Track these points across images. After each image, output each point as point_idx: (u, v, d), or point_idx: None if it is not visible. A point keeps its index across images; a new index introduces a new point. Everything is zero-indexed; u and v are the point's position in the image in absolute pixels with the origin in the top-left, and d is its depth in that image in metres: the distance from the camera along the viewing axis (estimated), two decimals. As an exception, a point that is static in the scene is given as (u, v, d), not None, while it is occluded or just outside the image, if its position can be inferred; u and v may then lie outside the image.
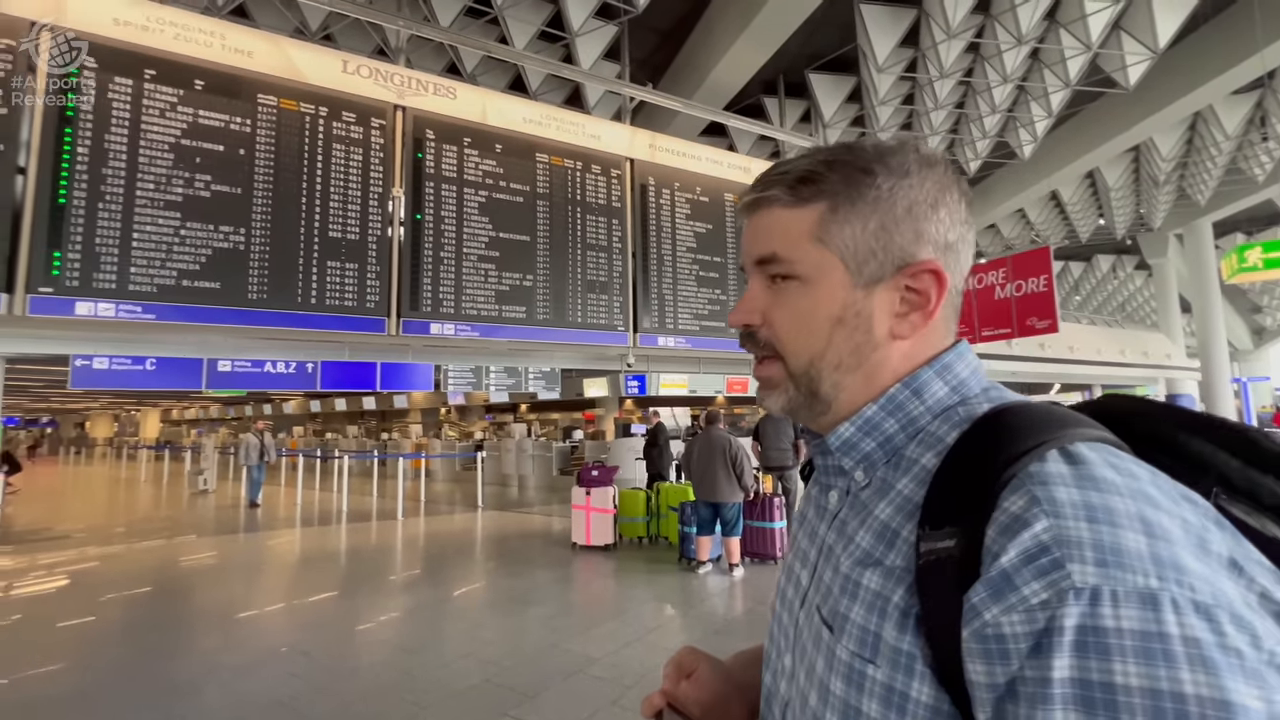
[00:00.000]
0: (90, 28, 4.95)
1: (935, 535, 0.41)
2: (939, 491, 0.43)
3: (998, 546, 0.37)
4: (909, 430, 0.50)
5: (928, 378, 0.50)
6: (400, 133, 6.10)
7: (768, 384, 0.55)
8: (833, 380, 0.52)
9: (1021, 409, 0.44)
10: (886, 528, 0.46)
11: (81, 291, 4.71)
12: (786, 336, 0.52)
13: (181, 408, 29.20)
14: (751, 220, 0.56)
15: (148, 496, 12.16)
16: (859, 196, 0.50)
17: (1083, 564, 0.34)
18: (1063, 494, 0.37)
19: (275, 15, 7.79)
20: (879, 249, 0.50)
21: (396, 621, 4.22)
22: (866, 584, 0.45)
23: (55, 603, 4.80)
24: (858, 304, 0.50)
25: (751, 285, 0.56)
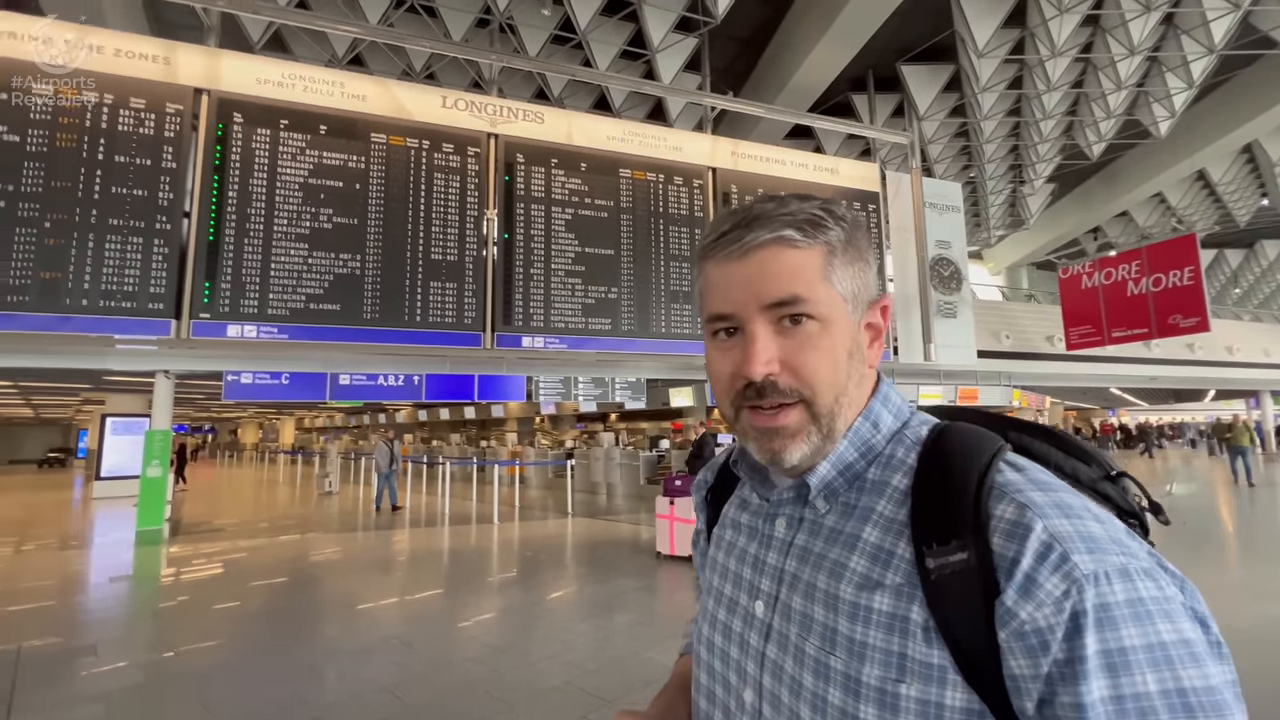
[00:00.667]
0: (239, 89, 5.70)
1: (943, 550, 0.45)
2: (928, 509, 0.48)
3: (1012, 551, 0.43)
4: (867, 458, 0.55)
5: (879, 409, 0.57)
6: (493, 158, 6.51)
7: (787, 433, 0.53)
8: (845, 417, 0.55)
9: (959, 430, 0.53)
10: (880, 549, 0.50)
11: (231, 316, 5.43)
12: (815, 378, 0.53)
13: (311, 417, 32.59)
14: (744, 263, 0.54)
15: (284, 496, 13.67)
16: (848, 243, 0.55)
17: (1079, 554, 0.42)
18: (1036, 497, 0.45)
19: (385, 61, 8.58)
20: (860, 289, 0.56)
21: (490, 620, 4.45)
22: (878, 607, 0.48)
23: (212, 588, 5.53)
24: (857, 338, 0.56)
25: (758, 332, 0.53)
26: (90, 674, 3.51)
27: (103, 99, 5.24)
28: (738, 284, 0.54)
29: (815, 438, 0.53)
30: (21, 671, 3.51)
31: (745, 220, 0.54)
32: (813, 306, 0.52)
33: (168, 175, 5.37)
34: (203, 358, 6.84)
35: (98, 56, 5.29)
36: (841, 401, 0.54)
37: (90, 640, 4.09)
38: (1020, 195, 14.34)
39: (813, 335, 0.53)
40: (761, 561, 0.58)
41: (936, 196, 8.91)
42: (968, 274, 9.02)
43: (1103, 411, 31.69)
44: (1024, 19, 8.35)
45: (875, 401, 0.57)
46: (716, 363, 0.56)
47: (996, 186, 13.49)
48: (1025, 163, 12.44)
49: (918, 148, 9.01)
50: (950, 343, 8.56)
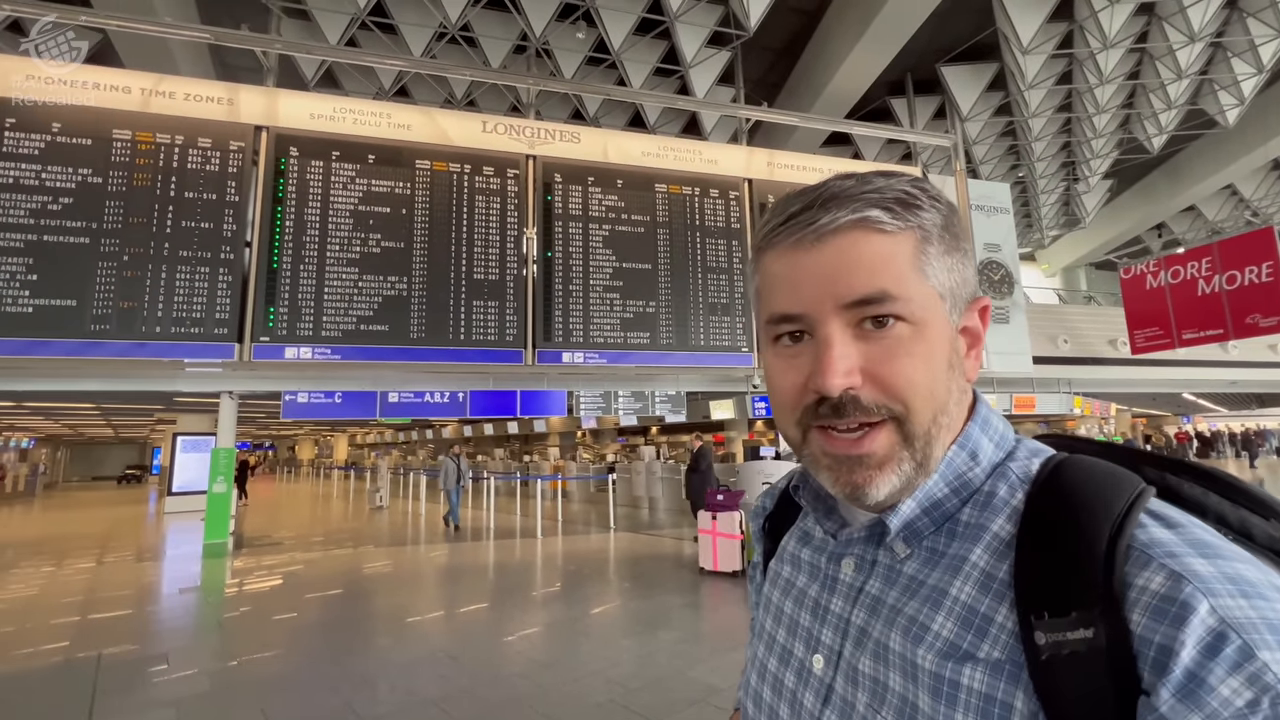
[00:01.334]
0: (294, 124, 6.04)
1: (1060, 624, 0.36)
2: (1039, 567, 0.38)
3: (1162, 636, 0.33)
4: (961, 495, 0.45)
5: (977, 436, 0.46)
6: (532, 179, 6.68)
7: (873, 462, 0.43)
8: (943, 440, 0.45)
9: (1082, 465, 0.42)
10: (973, 611, 0.40)
11: (289, 339, 5.70)
12: (908, 390, 0.42)
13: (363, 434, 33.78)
14: (818, 252, 0.44)
15: (338, 510, 14.18)
16: (944, 228, 0.45)
17: (1271, 650, 0.31)
18: (1197, 565, 0.34)
19: (429, 90, 8.94)
20: (959, 284, 0.46)
21: (534, 635, 4.48)
22: (969, 685, 0.39)
23: (272, 599, 5.77)
24: (956, 344, 0.45)
25: (832, 337, 0.43)
26: (162, 681, 3.70)
27: (174, 140, 5.63)
28: (809, 278, 0.44)
29: (908, 467, 0.43)
30: (101, 677, 3.74)
31: (819, 199, 0.44)
32: (904, 306, 0.43)
33: (231, 208, 5.71)
34: (263, 379, 7.20)
35: (169, 101, 5.70)
36: (940, 422, 0.44)
37: (163, 649, 4.33)
38: (1074, 193, 13.72)
39: (904, 340, 0.43)
40: (824, 608, 0.49)
41: (983, 198, 8.62)
42: (1019, 277, 8.66)
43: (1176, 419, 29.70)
44: (1071, 12, 8.05)
45: (973, 426, 0.46)
46: (779, 374, 0.46)
47: (1048, 185, 12.95)
48: (1079, 159, 11.91)
49: (961, 149, 8.75)
50: (1003, 349, 8.21)
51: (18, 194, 5.18)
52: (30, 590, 6.27)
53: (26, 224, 5.16)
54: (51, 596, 5.96)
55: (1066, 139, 11.33)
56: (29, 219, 5.18)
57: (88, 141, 5.42)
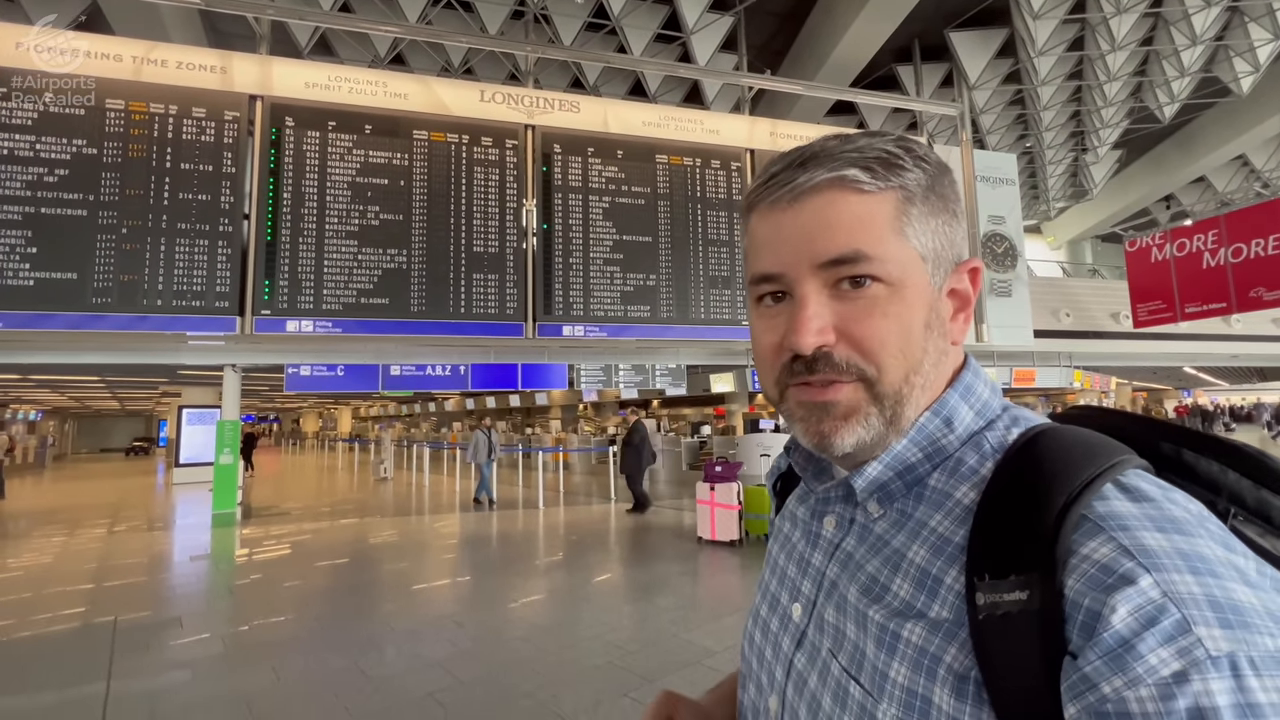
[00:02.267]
0: (289, 93, 5.95)
1: (998, 585, 0.36)
2: (990, 532, 0.39)
3: (1097, 604, 0.33)
4: (933, 460, 0.45)
5: (955, 403, 0.46)
6: (531, 149, 6.59)
7: (838, 411, 0.44)
8: (916, 401, 0.45)
9: (1058, 434, 0.41)
10: (925, 573, 0.41)
11: (289, 312, 5.72)
12: (880, 350, 0.43)
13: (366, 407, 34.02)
14: (795, 211, 0.44)
15: (343, 482, 14.39)
16: (929, 189, 0.45)
17: (1208, 626, 0.30)
18: (1150, 540, 0.34)
19: (425, 58, 8.76)
20: (944, 246, 0.46)
21: (536, 601, 4.61)
22: (908, 638, 0.40)
23: (281, 567, 5.91)
24: (938, 306, 0.45)
25: (807, 296, 0.44)
26: (177, 644, 3.83)
27: (168, 110, 5.56)
28: (787, 238, 0.44)
29: (876, 421, 0.44)
30: (118, 640, 3.87)
31: (800, 159, 0.44)
32: (879, 266, 0.43)
33: (228, 180, 5.66)
34: (265, 352, 7.25)
35: (161, 69, 5.61)
36: (913, 381, 0.44)
37: (176, 614, 4.46)
38: (1083, 164, 13.50)
39: (879, 300, 0.43)
40: (806, 561, 0.52)
41: (989, 169, 8.50)
42: (1023, 250, 8.60)
43: (1176, 393, 29.74)
44: (1085, -25, 7.82)
45: (951, 393, 0.46)
46: (760, 333, 0.47)
47: (1056, 156, 12.74)
48: (1088, 129, 11.69)
49: (968, 119, 8.59)
50: (1005, 323, 8.20)
51: (13, 165, 5.15)
52: (45, 558, 6.42)
53: (24, 196, 5.14)
54: (67, 564, 6.12)
55: (1076, 108, 11.10)
56: (26, 191, 5.15)
57: (80, 111, 5.36)
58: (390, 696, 3.00)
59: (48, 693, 3.17)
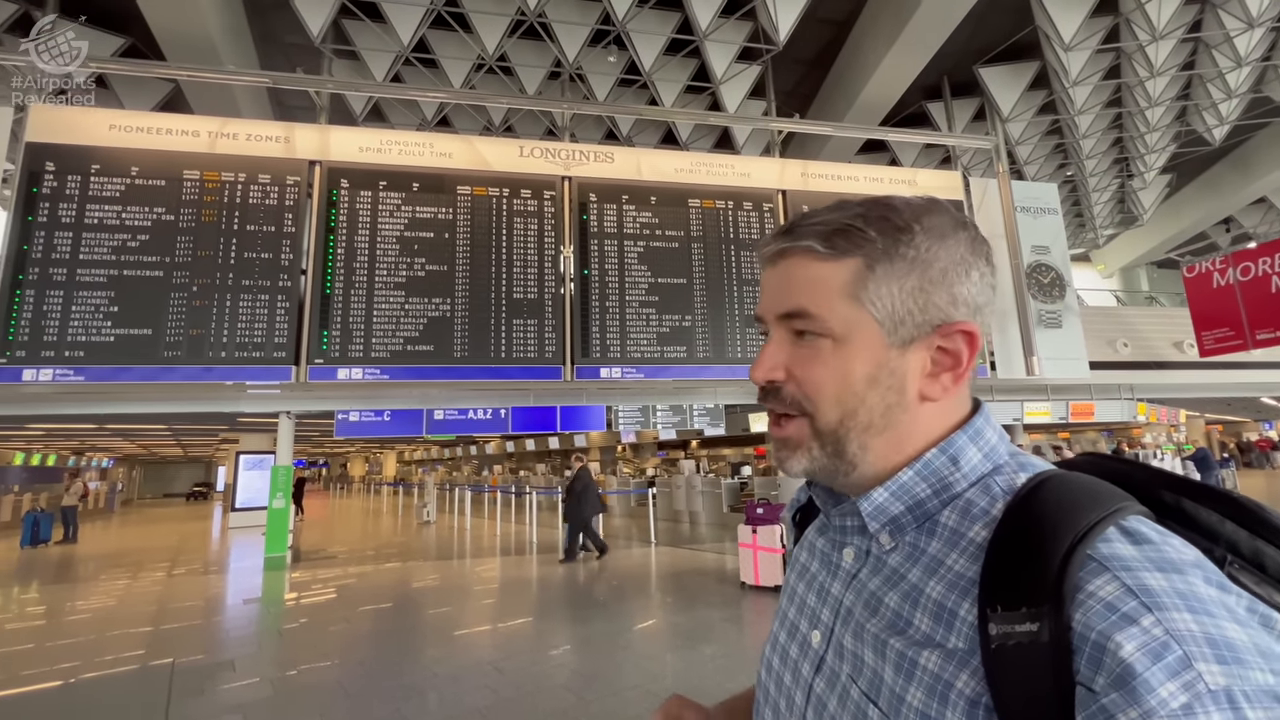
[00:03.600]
0: (345, 157, 6.39)
1: (1010, 617, 0.39)
2: (1002, 569, 0.41)
3: (1103, 638, 0.35)
4: (941, 496, 0.49)
5: (963, 444, 0.49)
6: (568, 199, 6.85)
7: (788, 444, 0.51)
8: (860, 441, 0.49)
9: (1064, 480, 0.44)
10: (941, 607, 0.44)
11: (341, 360, 5.99)
12: (816, 394, 0.49)
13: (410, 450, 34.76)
14: (775, 269, 0.52)
15: (387, 525, 14.62)
16: (897, 255, 0.49)
17: (1206, 662, 0.33)
18: (1150, 580, 0.37)
19: (468, 119, 9.31)
20: (916, 309, 0.49)
21: (577, 648, 4.53)
22: (925, 665, 0.43)
23: (328, 610, 6.00)
24: (891, 364, 0.49)
25: (774, 338, 0.52)
26: (229, 687, 3.91)
27: (237, 177, 6.05)
28: (766, 289, 0.54)
29: (818, 454, 0.50)
30: (175, 683, 3.98)
31: (786, 228, 0.53)
32: (820, 324, 0.49)
33: (288, 239, 6.06)
34: (317, 399, 7.57)
35: (233, 141, 6.13)
36: (849, 425, 0.49)
37: (229, 656, 4.57)
38: (1130, 190, 13.10)
39: (821, 352, 0.50)
40: (825, 590, 0.55)
41: (1029, 199, 8.35)
42: (1071, 279, 8.32)
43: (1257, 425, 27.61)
44: (1115, 5, 7.78)
45: (960, 434, 0.50)
46: None
47: (1100, 183, 12.42)
48: (1132, 155, 11.40)
49: (1003, 151, 8.52)
50: (1056, 355, 7.88)
51: (102, 233, 5.66)
52: (111, 600, 6.71)
53: (109, 260, 5.62)
54: (130, 606, 6.37)
55: (1118, 134, 10.87)
56: (111, 255, 5.64)
57: (162, 182, 5.88)
58: (432, 745, 2.97)
59: (109, 734, 3.27)
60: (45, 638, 5.23)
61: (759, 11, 7.35)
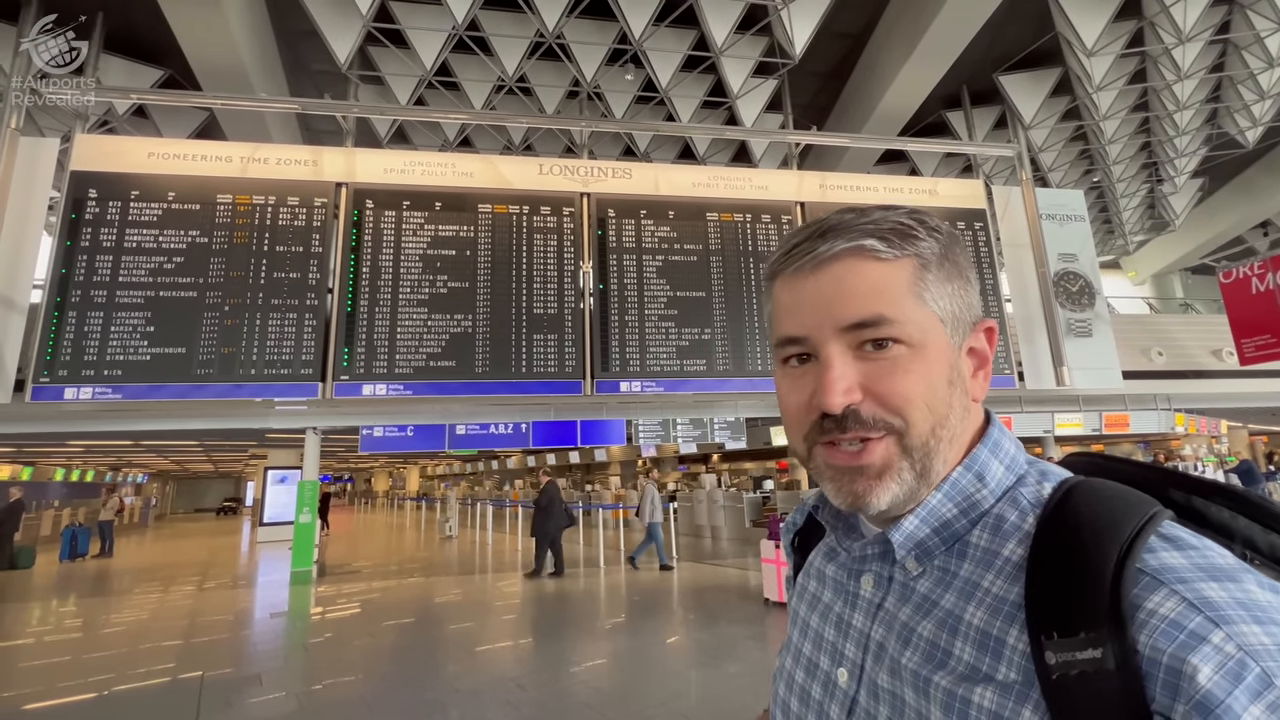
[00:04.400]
0: (370, 179, 6.55)
1: (1069, 644, 0.36)
2: (1049, 590, 0.39)
3: (1177, 662, 0.34)
4: (970, 516, 0.46)
5: (985, 458, 0.47)
6: (586, 215, 6.93)
7: (871, 472, 0.45)
8: (943, 455, 0.46)
9: (1091, 488, 0.43)
10: (986, 635, 0.41)
11: (366, 377, 6.09)
12: (906, 406, 0.45)
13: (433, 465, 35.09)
14: (816, 278, 0.47)
15: (410, 540, 14.73)
16: (944, 256, 0.48)
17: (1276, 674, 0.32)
18: (1210, 591, 0.35)
19: (489, 139, 9.49)
20: (961, 309, 0.48)
21: (599, 665, 4.48)
22: (979, 703, 0.40)
23: (352, 625, 6.05)
24: (958, 365, 0.47)
25: (832, 358, 0.45)
26: (256, 701, 3.95)
27: (267, 200, 6.24)
28: (809, 303, 0.47)
29: (908, 476, 0.45)
30: (204, 696, 4.03)
31: (819, 230, 0.48)
32: (900, 329, 0.45)
33: (315, 258, 6.22)
34: (342, 415, 7.70)
35: (264, 166, 6.34)
36: (940, 434, 0.45)
37: (256, 670, 4.62)
38: (1160, 195, 12.79)
39: (901, 360, 0.45)
40: (846, 623, 0.51)
41: (1055, 207, 8.21)
42: (1101, 287, 8.12)
43: (1304, 435, 26.40)
44: (1139, 9, 7.66)
45: (981, 448, 0.47)
46: (786, 393, 0.49)
47: (1128, 189, 12.15)
48: (1161, 159, 11.14)
49: (1026, 158, 8.40)
50: (1087, 364, 7.68)
51: (140, 255, 5.87)
52: (143, 614, 6.85)
53: (146, 281, 5.83)
54: (162, 619, 6.50)
55: (1146, 139, 10.64)
56: (148, 277, 5.85)
57: (196, 206, 6.10)
58: (455, 763, 2.96)
59: (140, 747, 3.33)
60: (81, 650, 5.35)
61: (775, 26, 7.40)
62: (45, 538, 14.94)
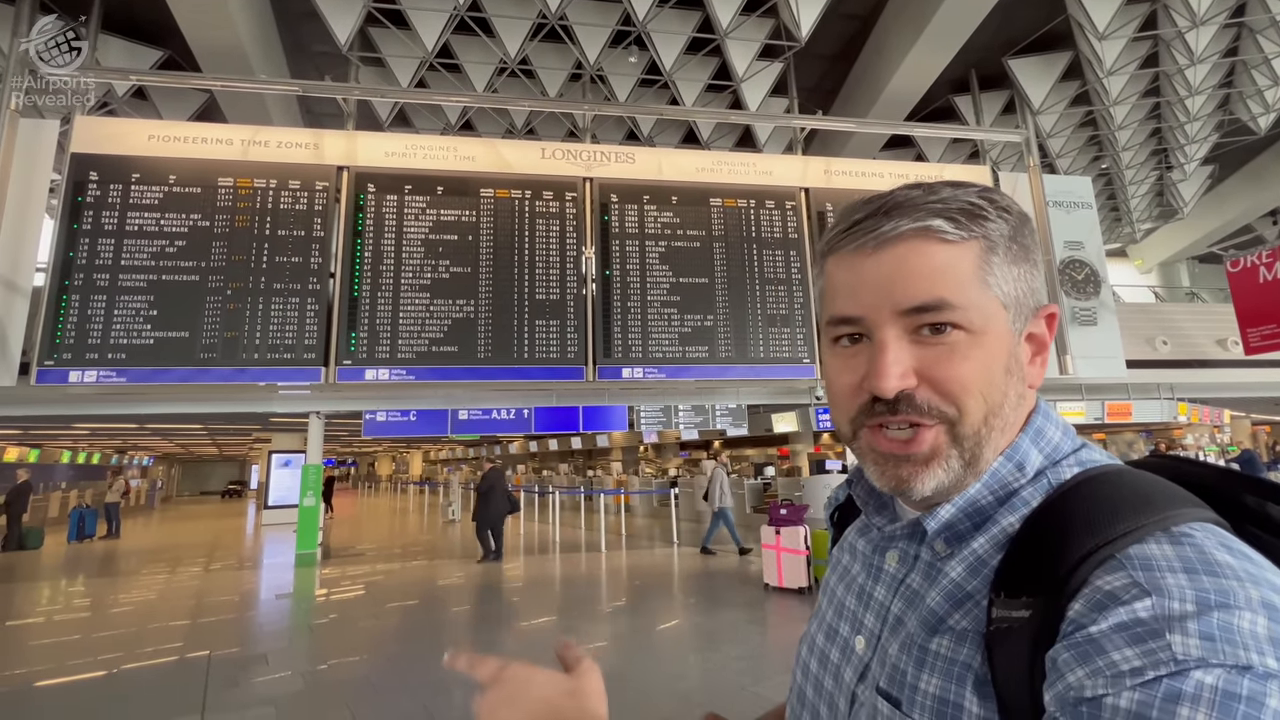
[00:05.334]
0: (371, 162, 6.51)
1: (1010, 603, 0.39)
2: (1018, 559, 0.40)
3: (1086, 619, 0.35)
4: (1001, 499, 0.46)
5: (1026, 447, 0.47)
6: (589, 200, 6.88)
7: (919, 459, 0.45)
8: (994, 444, 0.45)
9: (1115, 479, 0.42)
10: (958, 587, 0.43)
11: (368, 362, 6.10)
12: (962, 394, 0.44)
13: (435, 450, 35.29)
14: (877, 258, 0.45)
15: (414, 523, 14.87)
16: (1012, 238, 0.46)
17: (1185, 635, 0.31)
18: (1171, 580, 0.34)
19: (491, 122, 9.41)
20: (1025, 294, 0.47)
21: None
22: (937, 650, 0.42)
23: (356, 607, 6.13)
24: (1017, 352, 0.46)
25: (887, 341, 0.44)
26: (262, 680, 4.01)
27: (269, 183, 6.21)
28: (869, 283, 0.45)
29: (956, 464, 0.44)
30: (212, 674, 4.10)
31: (884, 207, 0.46)
32: (961, 314, 0.44)
33: (317, 243, 6.20)
34: (346, 399, 7.73)
35: (264, 149, 6.30)
36: (992, 424, 0.45)
37: (262, 650, 4.69)
38: (1169, 182, 12.65)
39: (960, 346, 0.44)
40: (869, 594, 0.52)
41: (1062, 194, 8.13)
42: (1107, 275, 8.07)
43: (1307, 426, 26.34)
44: (1153, -10, 7.53)
45: (1023, 437, 0.47)
46: (836, 373, 0.48)
47: (1137, 176, 12.01)
48: (1171, 146, 11.00)
49: (1034, 144, 8.30)
50: (1091, 353, 7.66)
51: (141, 239, 5.86)
52: (151, 594, 6.94)
53: (149, 265, 5.82)
54: (170, 600, 6.59)
55: (1156, 125, 10.50)
56: (150, 261, 5.84)
57: (197, 190, 6.07)
58: (458, 741, 3.01)
59: (150, 723, 3.39)
60: (91, 629, 5.44)
61: (780, 8, 7.28)
62: (53, 519, 15.11)
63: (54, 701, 3.78)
